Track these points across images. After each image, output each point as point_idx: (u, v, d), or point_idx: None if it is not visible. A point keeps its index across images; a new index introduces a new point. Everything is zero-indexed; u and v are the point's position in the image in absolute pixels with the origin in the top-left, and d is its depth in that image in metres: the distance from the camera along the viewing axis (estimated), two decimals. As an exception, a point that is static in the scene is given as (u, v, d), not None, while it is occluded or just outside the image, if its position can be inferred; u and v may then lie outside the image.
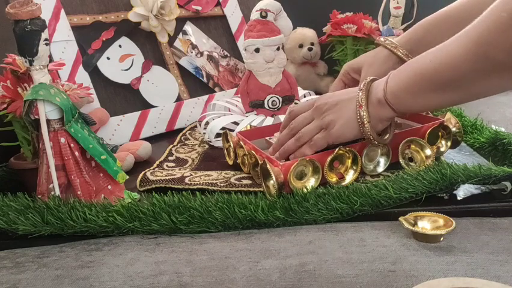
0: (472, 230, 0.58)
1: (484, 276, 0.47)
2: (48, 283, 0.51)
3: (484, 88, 0.58)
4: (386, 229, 0.58)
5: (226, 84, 1.19)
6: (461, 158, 0.78)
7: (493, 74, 0.54)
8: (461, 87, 0.58)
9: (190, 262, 0.54)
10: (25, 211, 0.62)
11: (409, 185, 0.63)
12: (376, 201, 0.61)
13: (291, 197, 0.62)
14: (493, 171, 0.63)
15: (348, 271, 0.50)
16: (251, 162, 0.73)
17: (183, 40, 1.14)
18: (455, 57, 0.56)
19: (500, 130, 0.83)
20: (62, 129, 0.63)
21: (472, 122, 0.89)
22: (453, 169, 0.64)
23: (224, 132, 0.83)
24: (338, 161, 0.69)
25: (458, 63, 0.55)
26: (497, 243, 0.55)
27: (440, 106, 0.68)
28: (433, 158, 0.72)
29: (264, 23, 0.95)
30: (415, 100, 0.63)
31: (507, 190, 0.63)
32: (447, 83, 0.58)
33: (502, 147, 0.78)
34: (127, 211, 0.61)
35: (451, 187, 0.63)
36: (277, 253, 0.54)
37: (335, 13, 1.31)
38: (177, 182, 0.73)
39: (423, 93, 0.61)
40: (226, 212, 0.61)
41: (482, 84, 0.56)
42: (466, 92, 0.59)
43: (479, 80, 0.56)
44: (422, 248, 0.54)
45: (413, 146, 0.73)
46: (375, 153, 0.72)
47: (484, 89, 0.58)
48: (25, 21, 0.59)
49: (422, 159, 0.72)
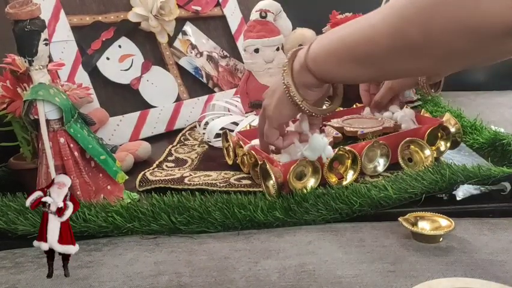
0: (471, 230, 0.58)
1: (483, 277, 0.47)
2: (47, 283, 0.51)
3: (400, 68, 0.54)
4: (385, 229, 0.58)
5: (225, 84, 1.19)
6: (461, 158, 0.78)
7: (408, 54, 0.49)
8: (377, 63, 0.54)
9: (189, 262, 0.54)
10: (24, 211, 0.62)
11: (408, 186, 0.63)
12: (376, 201, 0.61)
13: (290, 198, 0.62)
14: (492, 171, 0.63)
15: (348, 271, 0.50)
16: (251, 162, 0.73)
17: (183, 40, 1.14)
18: (374, 30, 0.52)
19: (500, 131, 0.83)
20: (61, 129, 0.63)
21: (471, 123, 0.89)
22: (452, 170, 0.64)
23: (224, 133, 0.83)
24: (338, 161, 0.69)
25: (376, 38, 0.51)
26: (497, 244, 0.55)
27: (359, 79, 0.66)
28: (432, 158, 0.72)
29: (263, 24, 0.95)
30: (333, 68, 0.59)
31: (506, 191, 0.63)
32: (364, 56, 0.54)
33: (501, 147, 0.78)
34: (127, 211, 0.61)
35: (451, 187, 0.63)
36: (276, 253, 0.54)
37: (335, 13, 1.31)
38: (177, 182, 0.73)
39: (342, 63, 0.57)
40: (226, 212, 0.61)
41: (399, 64, 0.52)
42: (382, 69, 0.55)
43: (395, 59, 0.51)
44: (422, 249, 0.54)
45: (412, 147, 0.73)
46: (374, 154, 0.72)
47: (401, 69, 0.54)
48: (25, 21, 0.59)
49: (422, 159, 0.72)
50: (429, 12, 0.44)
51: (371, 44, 0.52)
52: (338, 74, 0.59)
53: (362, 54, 0.54)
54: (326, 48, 0.59)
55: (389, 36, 0.49)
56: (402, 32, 0.48)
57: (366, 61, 0.54)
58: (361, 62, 0.55)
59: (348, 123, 0.85)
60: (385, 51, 0.51)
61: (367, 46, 0.53)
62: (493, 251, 0.53)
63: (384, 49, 0.51)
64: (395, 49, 0.49)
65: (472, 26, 0.41)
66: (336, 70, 0.58)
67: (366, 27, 0.53)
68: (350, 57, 0.56)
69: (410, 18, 0.47)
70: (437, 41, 0.45)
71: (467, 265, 0.50)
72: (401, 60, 0.51)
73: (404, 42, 0.48)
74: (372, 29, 0.52)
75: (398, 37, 0.48)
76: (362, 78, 0.62)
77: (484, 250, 0.53)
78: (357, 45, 0.54)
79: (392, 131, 0.80)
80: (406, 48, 0.48)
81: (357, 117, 0.89)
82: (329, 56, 0.58)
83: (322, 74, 0.60)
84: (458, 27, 0.42)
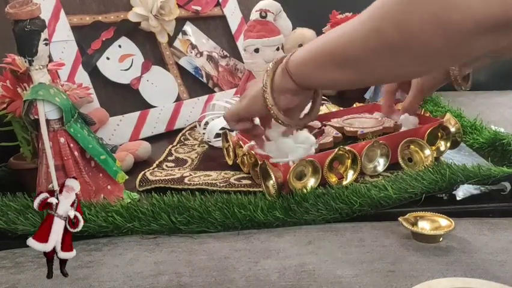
0: (471, 230, 0.58)
1: (483, 277, 0.47)
2: (47, 283, 0.51)
3: (379, 71, 0.53)
4: (385, 229, 0.58)
5: (225, 84, 1.19)
6: (461, 158, 0.78)
7: (386, 54, 0.49)
8: (356, 66, 0.53)
9: (189, 262, 0.54)
10: (25, 211, 0.62)
11: (408, 186, 0.63)
12: (375, 201, 0.61)
13: (290, 197, 0.62)
14: (492, 171, 0.63)
15: (348, 271, 0.50)
16: (250, 162, 0.73)
17: (183, 40, 1.14)
18: (352, 32, 0.52)
19: (500, 131, 0.83)
20: (61, 129, 0.63)
21: (471, 123, 0.89)
22: (452, 169, 0.64)
23: (224, 132, 0.83)
24: (338, 161, 0.69)
25: (353, 39, 0.51)
26: (496, 244, 0.55)
27: (340, 84, 0.65)
28: (432, 158, 0.72)
29: (263, 23, 0.95)
30: (313, 73, 0.58)
31: (506, 190, 0.63)
32: (342, 59, 0.54)
33: (501, 147, 0.78)
34: (127, 211, 0.61)
35: (451, 187, 0.63)
36: (276, 253, 0.54)
37: (335, 13, 1.31)
38: (177, 182, 0.73)
39: (322, 67, 0.57)
40: (226, 212, 0.61)
41: (377, 66, 0.52)
42: (361, 72, 0.54)
43: (373, 60, 0.51)
44: (422, 248, 0.54)
45: (412, 147, 0.73)
46: (374, 154, 0.72)
47: (381, 71, 0.53)
48: (25, 21, 0.59)
49: (422, 159, 0.72)
50: (404, 9, 0.44)
51: (349, 45, 0.52)
52: (318, 79, 0.59)
53: (340, 56, 0.54)
54: (307, 53, 0.59)
55: (366, 35, 0.49)
56: (378, 31, 0.48)
57: (345, 64, 0.54)
58: (340, 65, 0.55)
59: (348, 123, 0.85)
60: (362, 52, 0.51)
61: (345, 48, 0.53)
62: (493, 251, 0.53)
63: (361, 49, 0.50)
64: (372, 49, 0.49)
65: (445, 21, 0.41)
66: (316, 74, 0.58)
67: (346, 30, 0.53)
68: (329, 61, 0.56)
69: (385, 17, 0.47)
70: (413, 38, 0.44)
71: (467, 265, 0.50)
72: (379, 61, 0.50)
73: (381, 41, 0.48)
74: (350, 31, 0.52)
75: (374, 36, 0.48)
76: (342, 83, 0.62)
77: (484, 250, 0.53)
78: (336, 48, 0.54)
79: (392, 131, 0.80)
80: (383, 47, 0.48)
81: (357, 117, 0.89)
82: (309, 60, 0.58)
83: (301, 79, 0.60)
84: (432, 23, 0.42)
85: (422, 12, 0.43)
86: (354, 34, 0.51)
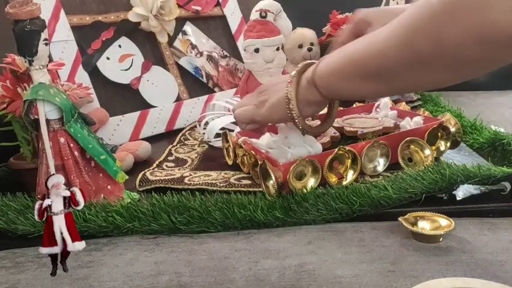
0: (471, 230, 0.58)
1: (483, 277, 0.47)
2: (47, 283, 0.51)
3: (410, 81, 0.53)
4: (385, 229, 0.58)
5: (225, 84, 1.19)
6: (461, 158, 0.78)
7: (418, 65, 0.49)
8: (387, 77, 0.54)
9: (189, 262, 0.54)
10: (25, 211, 0.62)
11: (408, 185, 0.63)
12: (375, 201, 0.61)
13: (290, 197, 0.62)
14: (492, 171, 0.63)
15: (348, 271, 0.50)
16: (250, 162, 0.73)
17: (183, 40, 1.14)
18: (383, 43, 0.52)
19: (500, 131, 0.83)
20: (61, 129, 0.63)
21: (471, 123, 0.89)
22: (452, 169, 0.64)
23: (224, 132, 0.83)
24: (338, 161, 0.69)
25: (385, 51, 0.51)
26: (496, 244, 0.55)
27: (368, 95, 0.65)
28: (433, 158, 0.72)
29: (263, 23, 0.95)
30: (341, 85, 0.59)
31: (506, 190, 0.63)
32: (373, 71, 0.54)
33: (501, 147, 0.78)
34: (127, 211, 0.61)
35: (451, 187, 0.63)
36: (276, 253, 0.54)
37: (335, 13, 1.31)
38: (177, 182, 0.73)
39: (350, 79, 0.57)
40: (226, 212, 0.61)
41: (409, 77, 0.52)
42: (392, 83, 0.55)
43: (405, 72, 0.51)
44: (422, 248, 0.54)
45: (412, 146, 0.73)
46: (374, 154, 0.72)
47: (411, 82, 0.54)
48: (25, 21, 0.59)
49: (422, 159, 0.72)
50: (439, 22, 0.44)
51: (380, 57, 0.52)
52: (346, 91, 0.59)
53: (372, 68, 0.54)
54: (334, 64, 0.59)
55: (398, 48, 0.50)
56: (412, 44, 0.48)
57: (376, 76, 0.54)
58: (370, 77, 0.55)
59: (348, 123, 0.85)
60: (395, 65, 0.51)
61: (376, 60, 0.53)
62: (493, 250, 0.53)
63: (394, 62, 0.51)
64: (405, 61, 0.50)
65: (482, 34, 0.41)
66: (345, 86, 0.59)
67: (375, 42, 0.53)
68: (358, 73, 0.56)
69: (419, 30, 0.47)
70: (448, 51, 0.45)
71: (467, 265, 0.50)
72: (411, 73, 0.51)
73: (414, 54, 0.48)
74: (381, 43, 0.52)
75: (408, 49, 0.49)
76: (371, 94, 0.62)
77: (484, 250, 0.53)
78: (366, 60, 0.54)
79: (392, 131, 0.80)
80: (416, 59, 0.48)
81: (357, 117, 0.89)
82: (337, 72, 0.58)
83: (329, 91, 0.60)
84: (468, 36, 0.42)
85: (458, 26, 0.43)
86: (384, 46, 0.51)
